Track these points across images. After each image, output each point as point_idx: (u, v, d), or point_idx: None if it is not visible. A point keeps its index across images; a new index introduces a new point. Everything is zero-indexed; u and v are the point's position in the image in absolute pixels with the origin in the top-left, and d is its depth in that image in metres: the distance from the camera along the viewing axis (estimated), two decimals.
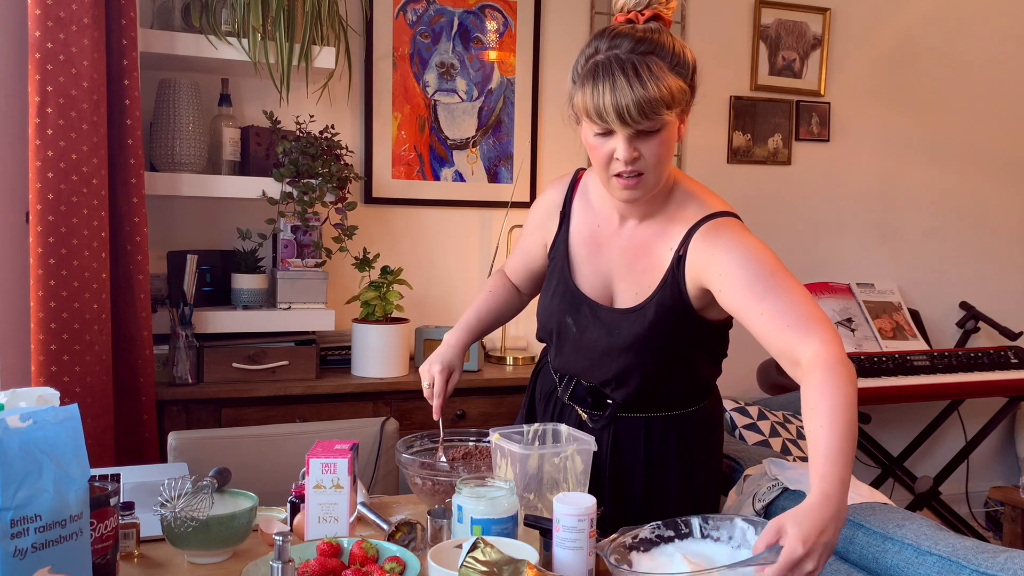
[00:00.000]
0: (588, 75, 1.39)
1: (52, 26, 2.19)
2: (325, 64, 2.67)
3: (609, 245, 1.59)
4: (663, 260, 1.52)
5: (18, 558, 1.05)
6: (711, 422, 1.68)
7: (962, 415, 3.90)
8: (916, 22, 3.84)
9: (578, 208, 1.64)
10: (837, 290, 3.73)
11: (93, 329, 2.27)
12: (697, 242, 1.48)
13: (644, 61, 1.37)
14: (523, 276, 1.82)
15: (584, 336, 1.59)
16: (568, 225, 1.64)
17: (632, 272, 1.55)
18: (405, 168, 3.09)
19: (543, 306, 1.68)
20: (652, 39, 1.40)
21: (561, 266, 1.63)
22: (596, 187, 1.62)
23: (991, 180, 4.05)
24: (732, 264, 1.41)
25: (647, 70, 1.36)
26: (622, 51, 1.39)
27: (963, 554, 1.39)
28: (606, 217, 1.60)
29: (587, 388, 1.65)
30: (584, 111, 1.41)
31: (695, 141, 3.52)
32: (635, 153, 1.40)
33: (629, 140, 1.40)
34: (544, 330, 1.70)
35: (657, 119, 1.38)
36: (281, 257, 2.66)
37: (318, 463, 1.42)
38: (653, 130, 1.39)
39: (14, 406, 1.35)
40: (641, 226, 1.56)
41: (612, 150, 1.41)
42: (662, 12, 1.46)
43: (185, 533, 1.36)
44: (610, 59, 1.38)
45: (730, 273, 1.41)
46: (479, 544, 1.16)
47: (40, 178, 2.20)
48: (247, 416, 2.51)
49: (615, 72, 1.36)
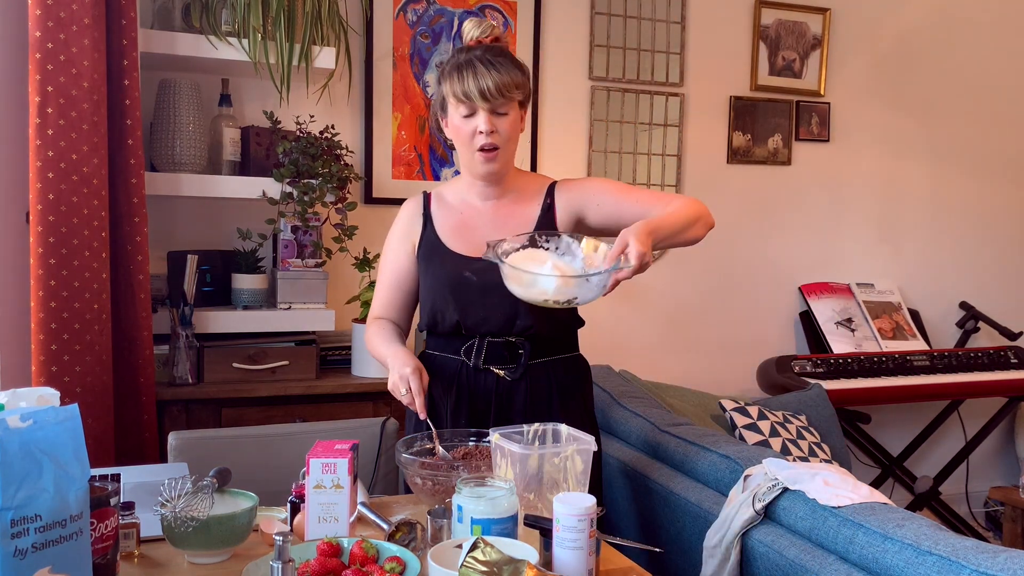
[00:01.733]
0: (454, 69, 1.79)
1: (52, 26, 2.19)
2: (325, 64, 2.67)
3: (475, 224, 1.90)
4: (531, 214, 1.90)
5: (18, 558, 1.05)
6: (585, 364, 2.00)
7: (962, 415, 3.90)
8: (916, 22, 3.84)
9: (437, 211, 1.95)
10: (837, 290, 3.73)
11: (93, 329, 2.28)
12: (561, 191, 1.92)
13: (495, 59, 1.79)
14: (396, 303, 1.97)
15: (486, 280, 1.79)
16: (432, 223, 1.93)
17: (501, 233, 1.84)
18: (405, 168, 3.09)
19: (431, 281, 1.88)
20: (499, 48, 1.83)
21: (438, 247, 1.90)
22: (450, 191, 1.97)
23: (991, 180, 4.05)
24: (597, 185, 1.93)
25: (500, 63, 1.78)
26: (478, 53, 1.80)
27: (963, 554, 1.39)
28: (468, 205, 1.93)
29: (501, 344, 1.85)
30: (453, 96, 1.79)
31: (695, 141, 3.52)
32: (492, 128, 1.78)
33: (488, 117, 1.78)
34: (436, 302, 1.87)
35: (509, 98, 1.78)
36: (281, 257, 2.66)
37: (318, 463, 1.42)
38: (505, 112, 1.79)
39: (14, 406, 1.35)
40: (500, 201, 1.92)
41: (475, 127, 1.79)
42: (499, 36, 1.88)
43: (185, 533, 1.36)
44: (471, 58, 1.79)
45: (600, 189, 1.91)
46: (479, 544, 1.16)
47: (40, 178, 2.20)
48: (247, 416, 2.51)
49: (475, 65, 1.77)
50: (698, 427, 2.29)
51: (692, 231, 1.78)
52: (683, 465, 2.15)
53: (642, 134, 3.43)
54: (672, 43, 3.43)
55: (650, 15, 3.39)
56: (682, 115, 3.48)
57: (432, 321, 1.89)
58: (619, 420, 2.50)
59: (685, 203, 1.79)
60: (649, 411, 2.46)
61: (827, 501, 1.66)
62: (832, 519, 1.63)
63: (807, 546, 1.66)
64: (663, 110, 3.45)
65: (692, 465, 2.11)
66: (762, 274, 3.69)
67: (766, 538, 1.73)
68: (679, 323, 3.57)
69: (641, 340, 3.51)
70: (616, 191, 1.89)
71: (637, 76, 3.40)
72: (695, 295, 3.58)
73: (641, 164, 3.44)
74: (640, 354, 3.48)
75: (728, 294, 3.64)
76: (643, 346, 3.51)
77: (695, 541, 1.94)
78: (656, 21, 3.40)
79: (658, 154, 3.47)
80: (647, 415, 2.43)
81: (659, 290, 3.52)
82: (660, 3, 3.40)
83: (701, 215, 1.80)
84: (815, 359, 3.42)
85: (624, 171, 3.41)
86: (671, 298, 3.54)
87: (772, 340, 3.71)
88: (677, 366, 3.54)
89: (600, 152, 3.37)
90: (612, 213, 1.87)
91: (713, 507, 1.94)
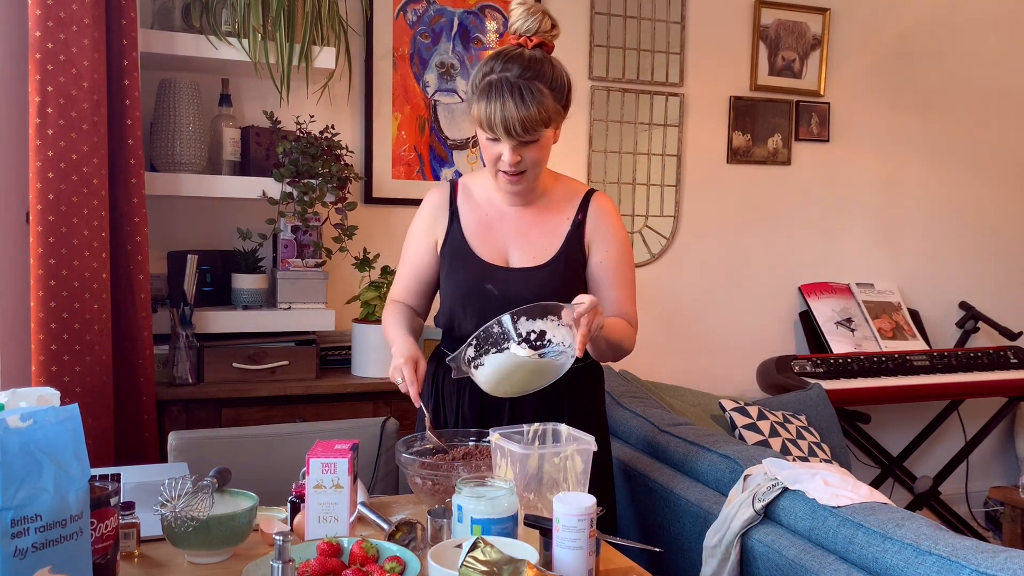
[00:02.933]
0: (484, 92, 1.68)
1: (52, 26, 2.19)
2: (325, 64, 2.67)
3: (499, 228, 1.85)
4: (560, 227, 1.85)
5: (18, 558, 1.05)
6: (600, 370, 2.01)
7: (962, 415, 3.90)
8: (916, 22, 3.84)
9: (464, 205, 1.88)
10: (837, 290, 3.73)
11: (93, 329, 2.28)
12: (594, 209, 1.86)
13: (529, 86, 1.66)
14: (414, 291, 1.94)
15: (507, 294, 1.78)
16: (458, 219, 1.87)
17: (526, 242, 1.84)
18: (405, 168, 3.09)
19: (452, 286, 1.85)
20: (537, 67, 1.69)
21: (462, 249, 1.85)
22: (477, 185, 1.90)
23: (991, 180, 4.05)
24: (615, 244, 1.87)
25: (531, 94, 1.66)
26: (512, 75, 1.67)
27: (963, 554, 1.39)
28: (493, 206, 1.87)
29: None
30: (478, 121, 1.70)
31: (695, 141, 3.52)
32: (518, 158, 1.71)
33: (513, 148, 1.70)
34: (455, 308, 1.84)
35: (537, 134, 1.69)
36: (281, 257, 2.66)
37: (318, 463, 1.42)
38: (533, 140, 1.70)
39: (14, 406, 1.35)
40: (527, 208, 1.86)
41: (499, 153, 1.72)
42: (547, 41, 1.75)
43: (185, 533, 1.36)
44: (502, 80, 1.66)
45: (610, 251, 1.86)
46: (479, 544, 1.16)
47: (40, 178, 2.20)
48: (247, 416, 2.51)
49: (504, 93, 1.65)
50: (698, 427, 2.29)
51: (611, 352, 1.83)
52: (683, 465, 2.15)
53: (642, 134, 3.43)
54: (672, 43, 3.43)
55: (650, 15, 3.39)
56: (682, 115, 3.48)
57: (449, 324, 1.88)
58: (619, 420, 2.50)
59: (631, 333, 1.87)
60: (649, 411, 2.46)
61: (827, 501, 1.66)
62: (832, 519, 1.63)
63: (807, 546, 1.66)
64: (663, 110, 3.45)
65: (692, 465, 2.11)
66: (762, 274, 3.69)
67: (766, 538, 1.73)
68: (679, 323, 3.57)
69: (641, 340, 3.49)
70: (614, 270, 1.86)
71: (637, 76, 3.40)
72: (695, 295, 3.58)
73: (641, 164, 3.44)
74: (640, 354, 3.46)
75: (728, 294, 3.64)
76: (643, 346, 3.49)
77: (695, 541, 1.95)
78: (656, 21, 3.40)
79: (658, 154, 3.47)
80: (647, 415, 2.43)
81: (659, 290, 3.52)
82: (660, 3, 3.40)
83: (627, 348, 1.87)
84: (815, 359, 3.42)
85: (624, 171, 3.41)
86: (671, 298, 3.54)
87: (772, 340, 3.71)
88: (677, 366, 3.54)
89: (600, 152, 3.37)
90: (594, 275, 1.86)
91: (713, 507, 1.94)
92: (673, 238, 3.52)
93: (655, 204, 3.48)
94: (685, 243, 3.54)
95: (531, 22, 1.72)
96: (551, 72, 1.71)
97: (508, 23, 1.76)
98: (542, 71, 1.69)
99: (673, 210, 3.51)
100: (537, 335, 1.60)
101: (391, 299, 1.97)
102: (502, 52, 1.71)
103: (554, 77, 1.71)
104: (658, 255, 3.50)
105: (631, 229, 3.45)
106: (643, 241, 3.47)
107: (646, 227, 3.48)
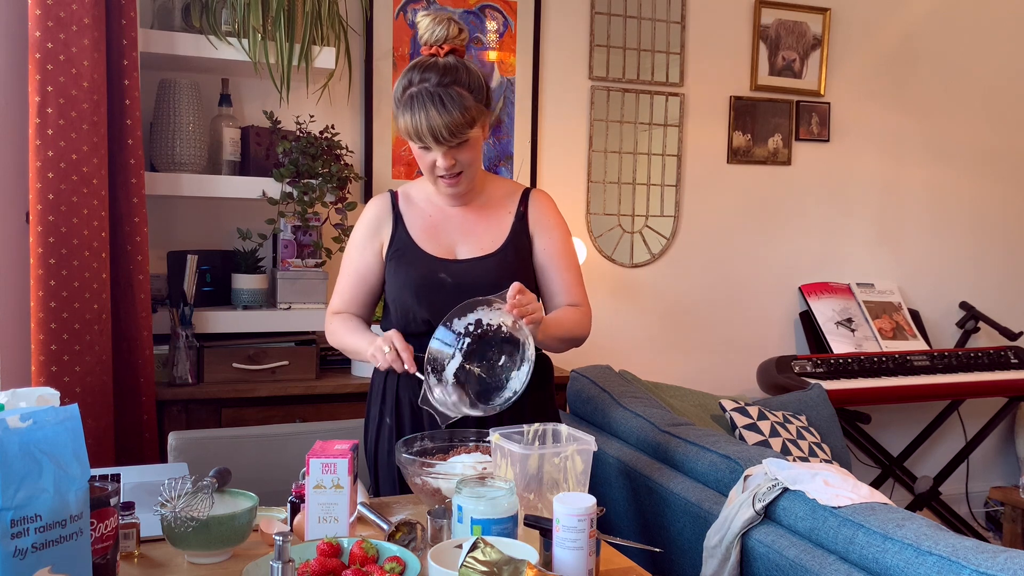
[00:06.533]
0: (406, 104, 1.72)
1: (52, 26, 2.19)
2: (325, 64, 2.67)
3: (444, 227, 1.90)
4: (504, 221, 1.91)
5: (18, 558, 1.05)
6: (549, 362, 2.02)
7: (962, 415, 3.90)
8: (916, 22, 3.84)
9: (407, 211, 1.93)
10: (837, 290, 3.73)
11: (93, 329, 2.27)
12: (534, 202, 1.94)
13: (448, 92, 1.71)
14: (360, 299, 1.95)
15: (461, 281, 1.82)
16: (403, 223, 1.91)
17: (472, 237, 1.89)
18: (405, 168, 3.09)
19: (404, 280, 1.85)
20: (453, 73, 1.74)
21: (410, 247, 1.88)
22: (418, 191, 1.95)
23: (991, 180, 4.05)
24: (556, 231, 1.94)
25: (451, 100, 1.70)
26: (431, 84, 1.71)
27: (963, 554, 1.39)
28: (436, 208, 1.92)
29: None
30: (406, 133, 1.75)
31: (695, 141, 3.52)
32: (452, 161, 1.77)
33: (445, 154, 1.75)
34: (408, 302, 1.84)
35: (464, 135, 1.74)
36: (281, 257, 2.66)
37: (318, 463, 1.42)
38: (463, 142, 1.75)
39: (14, 406, 1.35)
40: (469, 207, 1.91)
41: (433, 160, 1.77)
42: (458, 46, 1.79)
43: (185, 533, 1.36)
44: (422, 91, 1.71)
45: (552, 237, 1.92)
46: (479, 544, 1.16)
47: (40, 178, 2.20)
48: (247, 416, 2.51)
49: (426, 103, 1.70)
50: (698, 427, 2.29)
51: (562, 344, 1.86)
52: (683, 465, 2.15)
53: (642, 134, 3.43)
54: (672, 43, 3.43)
55: (650, 15, 3.39)
56: (682, 115, 3.48)
57: (403, 320, 1.86)
58: (619, 420, 2.50)
59: (581, 320, 1.89)
60: (649, 411, 2.46)
61: (827, 501, 1.66)
62: (832, 519, 1.63)
63: (807, 546, 1.66)
64: (663, 110, 3.45)
65: (692, 465, 2.11)
66: (762, 274, 3.69)
67: (766, 538, 1.73)
68: (679, 323, 3.57)
69: (641, 340, 3.51)
70: (558, 256, 1.91)
71: (637, 76, 3.40)
72: (695, 295, 3.58)
73: (641, 164, 3.44)
74: (640, 354, 3.48)
75: (728, 294, 3.64)
76: (643, 346, 3.51)
77: (695, 541, 1.94)
78: (656, 21, 3.40)
79: (658, 154, 3.47)
80: (647, 415, 2.43)
81: (659, 290, 3.52)
82: (660, 3, 3.40)
83: (580, 336, 1.89)
84: (815, 359, 3.42)
85: (624, 171, 3.41)
86: (671, 298, 3.54)
87: (772, 340, 3.71)
88: (677, 366, 3.54)
89: (600, 152, 3.37)
90: (541, 262, 1.91)
91: (713, 507, 1.94)
92: (673, 238, 3.52)
93: (655, 204, 3.48)
94: (685, 243, 3.55)
95: (439, 31, 1.77)
96: (467, 75, 1.76)
97: (418, 35, 1.81)
98: (458, 76, 1.74)
99: (673, 210, 3.51)
100: (474, 324, 1.67)
101: (332, 312, 1.96)
102: (417, 63, 1.76)
103: (471, 79, 1.76)
104: (658, 255, 3.50)
105: (631, 229, 3.45)
106: (643, 241, 3.47)
107: (646, 227, 3.48)
